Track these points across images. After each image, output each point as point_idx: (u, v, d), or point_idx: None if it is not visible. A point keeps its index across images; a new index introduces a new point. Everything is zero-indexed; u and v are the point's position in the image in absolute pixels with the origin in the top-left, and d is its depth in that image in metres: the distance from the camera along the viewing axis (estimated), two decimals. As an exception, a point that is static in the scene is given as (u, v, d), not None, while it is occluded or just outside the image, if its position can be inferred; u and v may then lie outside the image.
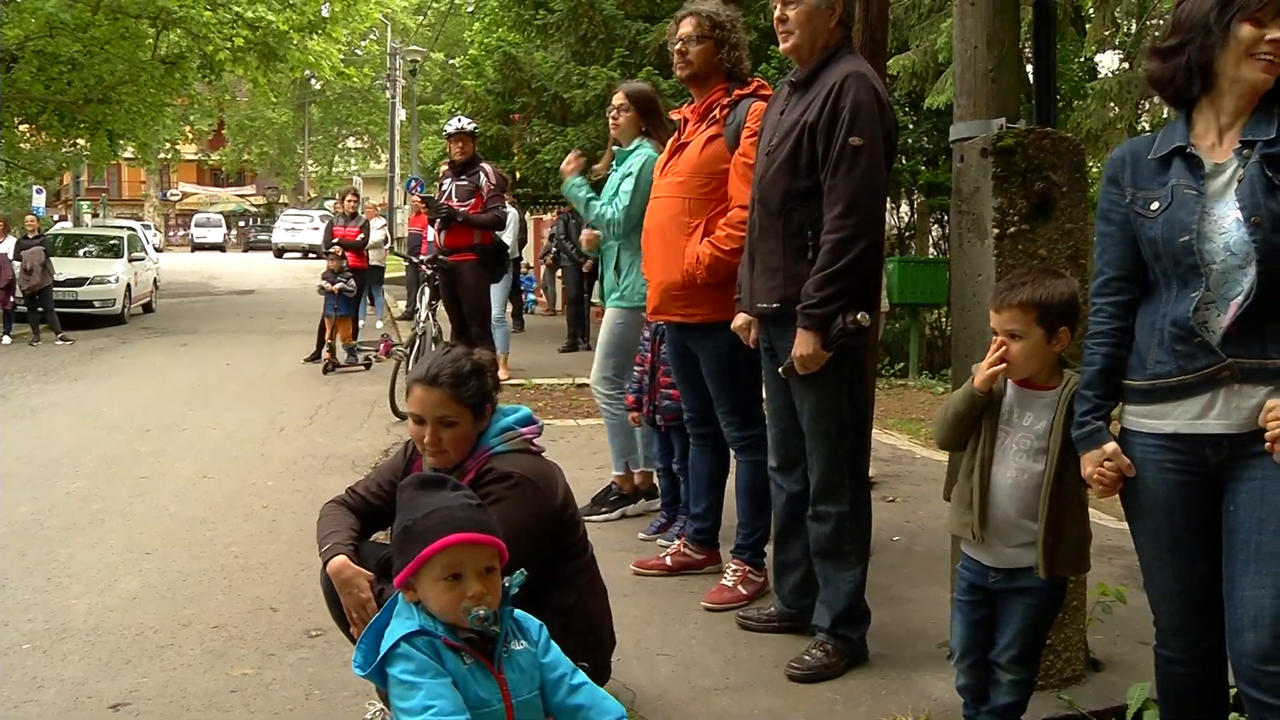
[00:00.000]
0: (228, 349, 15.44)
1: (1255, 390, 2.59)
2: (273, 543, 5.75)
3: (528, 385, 11.52)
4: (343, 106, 54.24)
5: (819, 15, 3.98)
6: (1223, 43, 2.62)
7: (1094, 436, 2.84)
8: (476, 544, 2.44)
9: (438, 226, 9.05)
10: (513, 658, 2.52)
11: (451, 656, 2.42)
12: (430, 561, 2.42)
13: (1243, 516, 2.63)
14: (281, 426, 9.34)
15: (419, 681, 2.36)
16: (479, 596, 2.41)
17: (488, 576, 2.44)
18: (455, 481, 2.68)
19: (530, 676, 2.54)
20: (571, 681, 2.60)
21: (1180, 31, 2.70)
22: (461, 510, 2.48)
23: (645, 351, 5.66)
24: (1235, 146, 2.66)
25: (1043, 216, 3.89)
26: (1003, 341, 3.05)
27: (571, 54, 14.57)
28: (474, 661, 2.44)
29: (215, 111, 40.16)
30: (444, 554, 2.41)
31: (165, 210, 61.50)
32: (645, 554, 5.37)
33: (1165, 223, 2.66)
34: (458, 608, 2.40)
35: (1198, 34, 2.65)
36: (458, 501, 2.52)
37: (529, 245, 20.20)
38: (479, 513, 2.52)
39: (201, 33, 21.32)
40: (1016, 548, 3.09)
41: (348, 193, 16.38)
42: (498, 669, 2.47)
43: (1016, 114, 4.24)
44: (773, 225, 4.01)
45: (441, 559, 2.41)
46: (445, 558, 2.41)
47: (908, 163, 15.33)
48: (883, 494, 6.71)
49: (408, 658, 2.40)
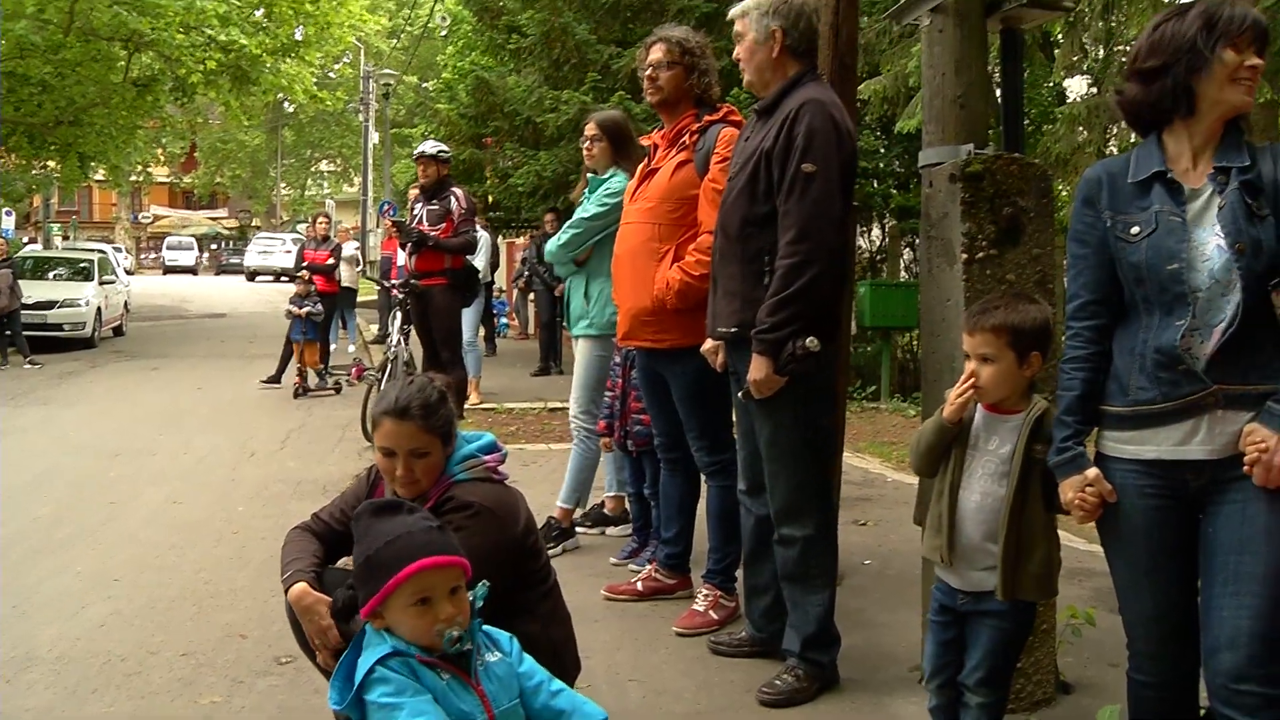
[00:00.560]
0: (199, 373, 15.35)
1: (1238, 416, 2.61)
2: (243, 568, 5.71)
3: (500, 409, 11.50)
4: (316, 130, 54.18)
5: (759, 48, 4.08)
6: (1208, 66, 2.65)
7: (1075, 462, 2.85)
8: (443, 566, 2.43)
9: (409, 251, 9.03)
10: (489, 669, 2.51)
11: (428, 673, 2.41)
12: (399, 589, 2.40)
13: (1222, 539, 2.65)
14: (252, 451, 9.29)
15: (400, 702, 2.35)
16: (450, 618, 2.41)
17: (455, 596, 2.44)
18: (410, 504, 2.68)
19: (509, 686, 2.54)
20: (550, 688, 2.62)
21: (1161, 54, 2.71)
22: (423, 533, 2.48)
23: (616, 377, 5.68)
24: (1209, 172, 2.69)
25: (1011, 241, 3.92)
26: (974, 369, 3.06)
27: (544, 78, 14.60)
28: (451, 676, 2.43)
29: (187, 134, 40.08)
30: (412, 580, 2.40)
31: (137, 233, 61.24)
32: (616, 579, 5.36)
33: (1150, 249, 2.67)
34: (431, 631, 2.40)
35: (1183, 56, 2.67)
36: (418, 525, 2.50)
37: (501, 269, 20.18)
38: (440, 534, 2.51)
39: (174, 55, 21.33)
40: (982, 571, 3.09)
41: (318, 216, 16.34)
42: (476, 681, 2.46)
43: (985, 140, 4.28)
44: (733, 250, 4.04)
45: (410, 585, 2.40)
46: (413, 584, 2.40)
47: (879, 186, 15.41)
48: (854, 517, 6.73)
49: (385, 680, 2.38)
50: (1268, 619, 2.57)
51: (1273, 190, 2.64)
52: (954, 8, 4.30)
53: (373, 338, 18.61)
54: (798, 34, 4.07)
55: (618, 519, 6.34)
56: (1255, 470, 2.56)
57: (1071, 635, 4.34)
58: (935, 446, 3.16)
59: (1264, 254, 2.59)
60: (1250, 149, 2.70)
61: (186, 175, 59.20)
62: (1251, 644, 2.57)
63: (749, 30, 4.09)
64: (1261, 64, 2.68)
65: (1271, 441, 2.53)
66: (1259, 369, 2.61)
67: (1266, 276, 2.61)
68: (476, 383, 11.94)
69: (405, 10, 42.51)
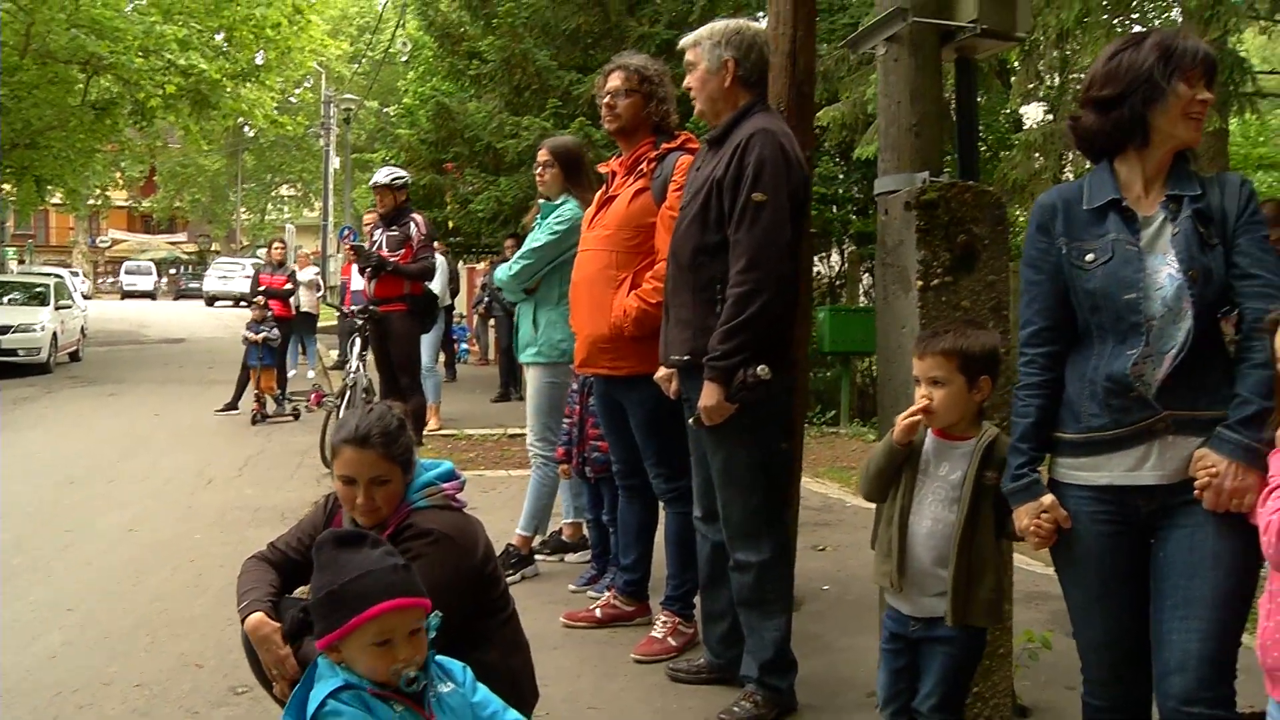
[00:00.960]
0: (157, 399, 15.23)
1: (1188, 441, 2.65)
2: (199, 596, 5.65)
3: (459, 436, 11.47)
4: (276, 154, 53.96)
5: (711, 77, 4.12)
6: (1163, 99, 2.69)
7: (1030, 489, 2.87)
8: (407, 609, 2.42)
9: (367, 276, 8.99)
10: (442, 700, 2.50)
11: (381, 706, 2.40)
12: (361, 628, 2.39)
13: (1173, 563, 2.68)
14: (210, 478, 9.21)
15: None
16: (409, 659, 2.40)
17: (414, 637, 2.43)
18: (375, 537, 2.65)
19: (462, 717, 2.53)
20: (505, 717, 2.61)
21: (1117, 83, 2.75)
22: (390, 573, 2.46)
23: (574, 404, 5.68)
24: (1161, 199, 2.73)
25: (965, 268, 3.96)
26: (926, 394, 3.09)
27: (504, 104, 14.63)
28: (404, 708, 2.42)
29: (147, 158, 39.80)
30: (375, 621, 2.39)
31: (94, 257, 60.77)
32: (575, 606, 5.35)
33: (1107, 277, 2.70)
34: (388, 671, 2.39)
35: (1139, 87, 2.71)
36: (384, 563, 2.48)
37: (462, 295, 20.15)
38: (406, 574, 2.49)
39: (133, 79, 21.22)
40: (933, 597, 3.10)
41: (274, 241, 16.29)
42: (429, 713, 2.46)
43: (940, 168, 4.32)
44: (684, 279, 4.07)
45: (372, 626, 2.39)
46: (376, 625, 2.39)
47: (838, 212, 15.51)
48: (813, 543, 6.74)
49: (337, 714, 2.37)
50: (1217, 642, 2.60)
51: (1221, 220, 2.69)
52: (909, 37, 4.35)
53: (332, 363, 18.51)
54: (750, 64, 4.12)
55: (576, 546, 6.34)
56: (1206, 495, 2.60)
57: (1028, 659, 4.37)
58: (885, 470, 3.17)
59: (1214, 282, 2.64)
60: (1199, 179, 2.75)
61: (145, 199, 58.91)
62: (1201, 667, 2.60)
63: (701, 60, 4.13)
64: (1211, 98, 2.74)
65: (1222, 466, 2.57)
66: (1208, 395, 2.65)
67: (1216, 304, 2.67)
68: (437, 408, 11.91)
69: (367, 35, 42.55)
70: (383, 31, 37.01)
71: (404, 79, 30.07)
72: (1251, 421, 2.57)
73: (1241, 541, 2.61)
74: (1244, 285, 2.65)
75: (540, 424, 5.95)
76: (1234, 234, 2.68)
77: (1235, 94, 11.31)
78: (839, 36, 12.97)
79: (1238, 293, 2.66)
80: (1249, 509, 2.56)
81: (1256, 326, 2.58)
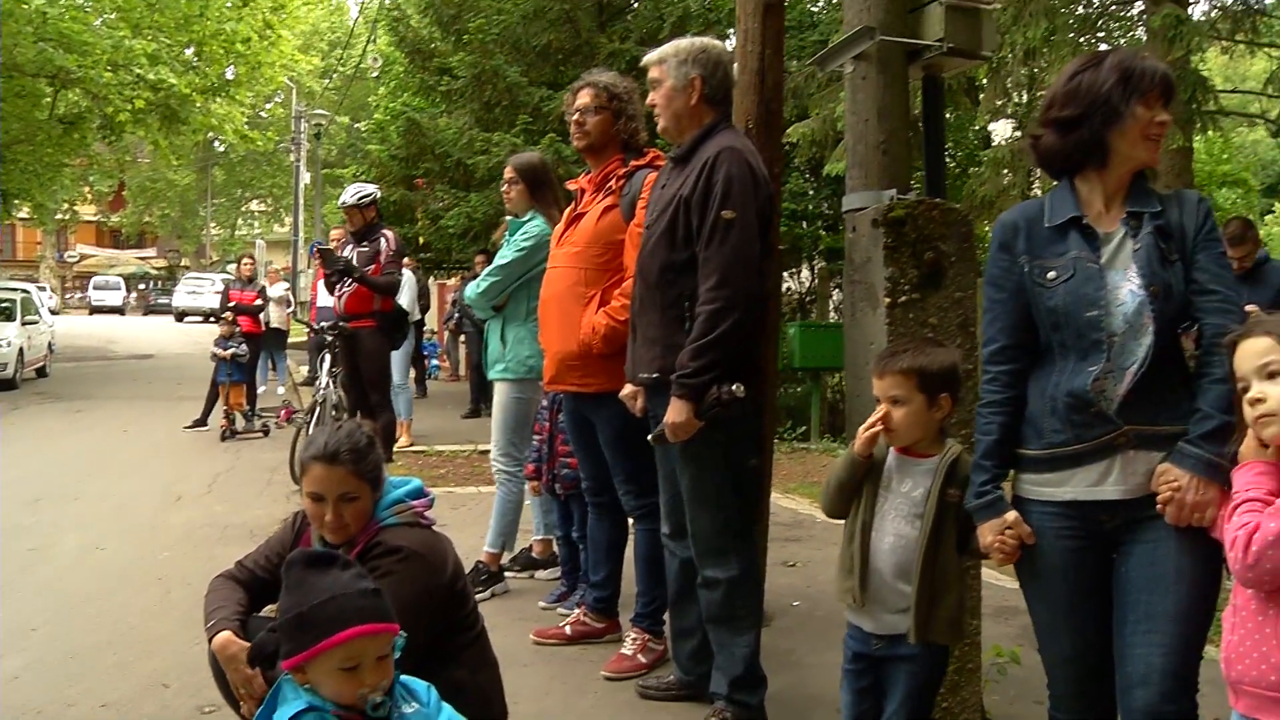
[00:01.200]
0: (125, 415, 15.11)
1: (1149, 456, 2.67)
2: (166, 616, 5.61)
3: (430, 452, 11.44)
4: (246, 169, 53.76)
5: (678, 95, 4.12)
6: (1122, 121, 2.72)
7: (993, 505, 2.89)
8: (376, 634, 2.41)
9: (334, 286, 8.87)
10: (406, 720, 2.50)
11: (345, 728, 2.39)
12: (328, 652, 2.37)
13: (1135, 578, 2.71)
14: (179, 495, 9.14)
15: None
16: (375, 685, 2.39)
17: (382, 663, 2.42)
18: (345, 559, 2.64)
19: (427, 736, 2.52)
20: None
21: (1077, 104, 2.77)
22: (360, 597, 2.44)
23: (543, 420, 5.68)
24: (1122, 216, 2.77)
25: (933, 285, 3.99)
26: (885, 408, 3.11)
27: (475, 120, 14.63)
28: None
29: (115, 173, 39.58)
30: (343, 646, 2.37)
31: (62, 272, 60.37)
32: (545, 623, 5.34)
33: (1069, 295, 2.73)
34: (353, 695, 2.37)
35: (1098, 109, 2.74)
36: (354, 587, 2.46)
37: (432, 311, 20.11)
38: (376, 599, 2.47)
39: (101, 93, 21.10)
40: (896, 613, 3.11)
41: (244, 257, 16.23)
42: (394, 733, 2.45)
43: (907, 185, 4.36)
44: (652, 297, 4.07)
45: (340, 651, 2.37)
46: (344, 650, 2.37)
47: (808, 228, 15.57)
48: (783, 558, 6.76)
49: None
50: (1179, 655, 2.63)
51: (1180, 236, 2.73)
52: (876, 56, 4.39)
53: (302, 380, 18.43)
54: (715, 82, 4.13)
55: (546, 562, 6.33)
56: (1168, 509, 2.63)
57: (997, 674, 4.39)
58: (846, 483, 3.18)
59: (1174, 297, 2.68)
60: (1158, 196, 2.79)
61: (114, 214, 58.56)
62: (1164, 681, 2.62)
63: (667, 77, 4.14)
64: (1169, 120, 2.77)
65: (1183, 481, 2.60)
66: (1169, 410, 2.67)
67: (1176, 320, 2.70)
68: (408, 425, 11.88)
69: (338, 50, 42.47)
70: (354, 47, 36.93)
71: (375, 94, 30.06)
72: (1212, 436, 2.59)
73: (1203, 555, 2.64)
74: (1203, 301, 2.69)
75: (504, 439, 5.95)
76: (1193, 250, 2.72)
77: (1198, 112, 11.46)
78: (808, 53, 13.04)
79: (1197, 308, 2.69)
80: (1210, 523, 2.59)
81: (1215, 342, 2.61)
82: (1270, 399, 2.33)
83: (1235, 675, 2.38)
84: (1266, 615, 2.33)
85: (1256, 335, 2.39)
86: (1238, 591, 2.43)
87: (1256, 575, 2.30)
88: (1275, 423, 2.33)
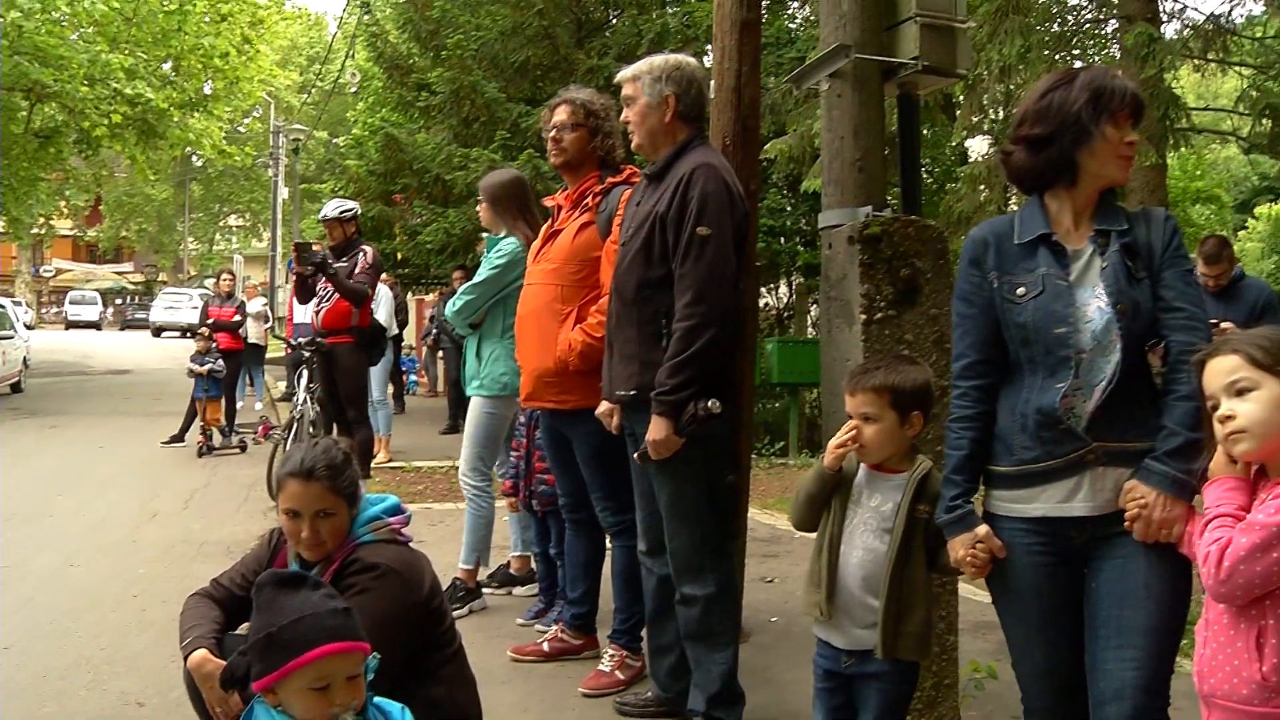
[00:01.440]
0: (101, 431, 15.01)
1: (1117, 472, 2.70)
2: (142, 634, 5.57)
3: (408, 468, 11.42)
4: (225, 184, 53.66)
5: (652, 112, 4.15)
6: (1091, 141, 2.75)
7: (964, 520, 2.90)
8: (346, 653, 2.40)
9: (309, 276, 8.75)
10: (380, 742, 2.49)
11: (316, 749, 2.38)
12: (298, 672, 2.37)
13: (1105, 593, 2.73)
14: (155, 511, 9.09)
15: None
16: (345, 704, 2.38)
17: (353, 682, 2.41)
18: (316, 579, 2.63)
19: (399, 758, 2.51)
20: None
21: (1047, 123, 2.80)
22: (330, 617, 2.43)
23: (521, 437, 5.69)
24: (1090, 234, 2.79)
25: (909, 302, 4.01)
26: (857, 425, 3.12)
27: (453, 136, 14.64)
28: None
29: (92, 187, 39.40)
30: (313, 666, 2.36)
31: (38, 287, 59.97)
32: (522, 640, 5.33)
33: (1037, 311, 2.75)
34: (324, 715, 2.36)
35: (1068, 129, 2.76)
36: (324, 606, 2.46)
37: (411, 326, 20.08)
38: (346, 618, 2.46)
39: (78, 108, 20.99)
40: (864, 629, 3.12)
41: (223, 273, 16.18)
42: (366, 755, 2.44)
43: (883, 202, 4.38)
44: (629, 314, 4.08)
45: (310, 670, 2.36)
46: (314, 669, 2.36)
47: (786, 244, 15.61)
48: (761, 574, 6.76)
49: None
50: (1151, 670, 2.65)
51: (1147, 254, 2.76)
52: (852, 73, 4.42)
53: (280, 395, 18.36)
54: (690, 100, 4.16)
55: (524, 579, 6.33)
56: (1136, 526, 2.65)
57: (975, 689, 4.41)
58: (816, 495, 3.20)
59: (1142, 315, 2.70)
60: (1125, 214, 2.82)
61: (91, 228, 58.23)
62: (1136, 695, 2.64)
63: (641, 94, 4.16)
64: (1138, 139, 2.80)
65: (1151, 498, 2.62)
66: (1137, 426, 2.70)
67: (1144, 337, 2.73)
68: (386, 440, 11.87)
69: (316, 66, 42.47)
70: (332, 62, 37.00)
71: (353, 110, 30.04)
72: (1179, 453, 2.62)
73: (1172, 570, 2.67)
74: (1169, 318, 2.72)
75: (474, 454, 5.95)
76: (1160, 267, 2.75)
77: (1171, 130, 11.54)
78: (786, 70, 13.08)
79: (1164, 325, 2.72)
80: (1178, 539, 2.61)
81: (1182, 359, 2.64)
82: (1240, 416, 2.35)
83: (1207, 689, 2.40)
84: (1238, 629, 2.35)
85: (1224, 353, 2.41)
86: (1209, 606, 2.45)
87: (1229, 590, 2.32)
88: (1245, 439, 2.35)
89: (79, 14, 20.30)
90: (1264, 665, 2.29)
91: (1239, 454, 2.39)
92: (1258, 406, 2.34)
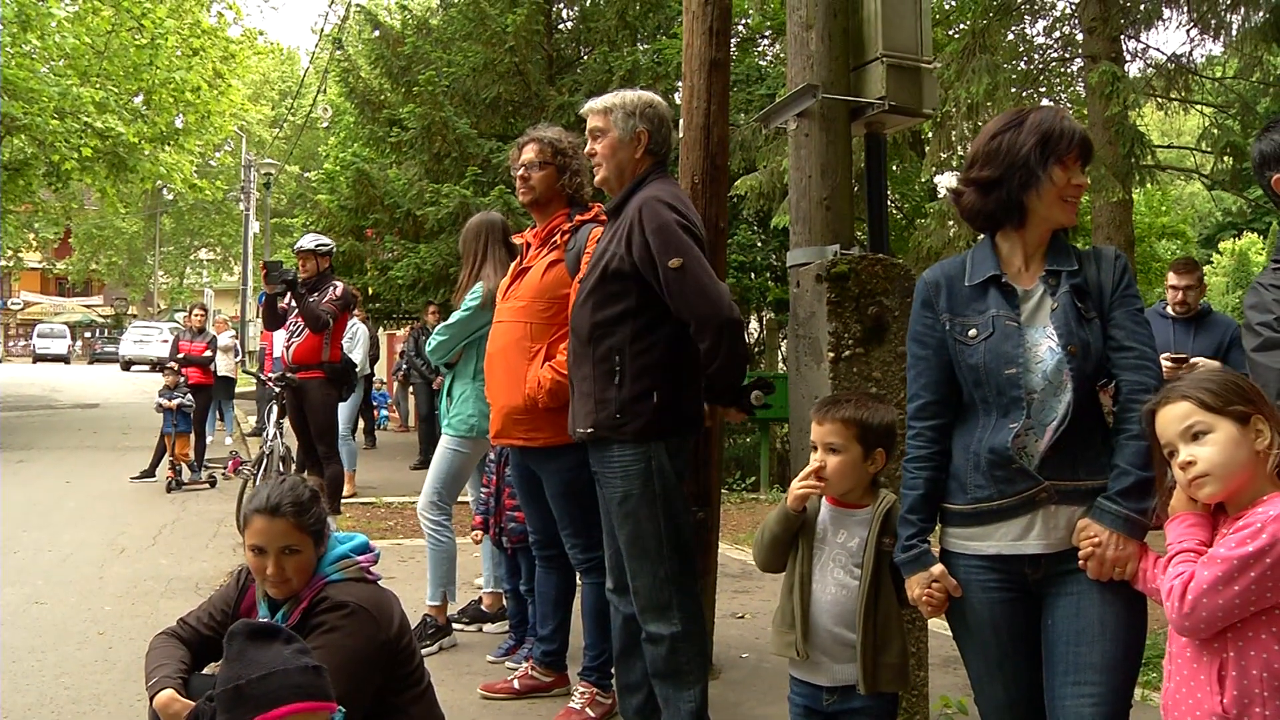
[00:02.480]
0: (68, 465, 14.89)
1: (1070, 510, 2.73)
2: (108, 672, 5.52)
3: (379, 503, 11.38)
4: (195, 217, 53.47)
5: (624, 146, 4.17)
6: (1039, 185, 2.80)
7: (920, 560, 2.93)
8: (313, 712, 2.40)
9: (277, 291, 8.74)
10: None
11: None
12: None
13: (1060, 630, 2.76)
14: (122, 547, 9.02)
15: None
16: None
17: None
18: (289, 633, 2.63)
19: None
20: None
21: (995, 165, 2.84)
22: (299, 674, 2.44)
23: (490, 474, 5.69)
24: (1041, 274, 2.84)
25: (876, 340, 4.05)
26: (821, 459, 3.13)
27: (425, 171, 14.66)
28: None
29: (61, 220, 39.24)
30: None
31: (5, 320, 59.60)
32: (493, 677, 5.32)
33: (989, 352, 2.79)
34: None
35: (1016, 172, 2.81)
36: (294, 663, 2.46)
37: (382, 361, 20.05)
38: (315, 676, 2.47)
39: (48, 140, 20.89)
40: (845, 664, 3.13)
41: (194, 307, 16.13)
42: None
43: (851, 240, 4.43)
44: (585, 351, 4.09)
45: None
46: None
47: (756, 279, 15.68)
48: (732, 610, 6.77)
49: None
50: (1109, 706, 2.68)
51: (1098, 294, 2.81)
52: (819, 113, 4.47)
53: (250, 430, 18.27)
54: (660, 138, 4.20)
55: (495, 615, 6.32)
56: (1089, 565, 2.69)
57: (943, 724, 4.42)
58: (780, 537, 3.21)
59: (1092, 355, 2.75)
60: (1076, 253, 2.86)
61: (60, 261, 57.95)
62: None
63: (612, 128, 4.17)
64: (1086, 182, 2.85)
65: (1104, 537, 2.66)
66: (1088, 465, 2.74)
67: (1095, 376, 2.77)
68: (352, 475, 11.82)
69: (288, 100, 42.48)
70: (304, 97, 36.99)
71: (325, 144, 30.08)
72: (1130, 493, 2.66)
73: (1126, 606, 2.70)
74: (1120, 357, 2.76)
75: (434, 489, 5.99)
76: (1110, 307, 2.80)
77: (1137, 166, 11.69)
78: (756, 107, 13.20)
79: (1114, 364, 2.77)
80: (1131, 576, 2.65)
81: (1132, 398, 2.68)
82: (1200, 460, 2.39)
83: (1172, 722, 2.43)
84: (1200, 662, 2.38)
85: (1174, 400, 2.46)
86: (1173, 639, 2.49)
87: (1192, 623, 2.35)
88: (1210, 482, 2.39)
89: (49, 47, 20.28)
90: (1224, 697, 2.32)
91: (1205, 497, 2.43)
92: (1215, 449, 2.38)
